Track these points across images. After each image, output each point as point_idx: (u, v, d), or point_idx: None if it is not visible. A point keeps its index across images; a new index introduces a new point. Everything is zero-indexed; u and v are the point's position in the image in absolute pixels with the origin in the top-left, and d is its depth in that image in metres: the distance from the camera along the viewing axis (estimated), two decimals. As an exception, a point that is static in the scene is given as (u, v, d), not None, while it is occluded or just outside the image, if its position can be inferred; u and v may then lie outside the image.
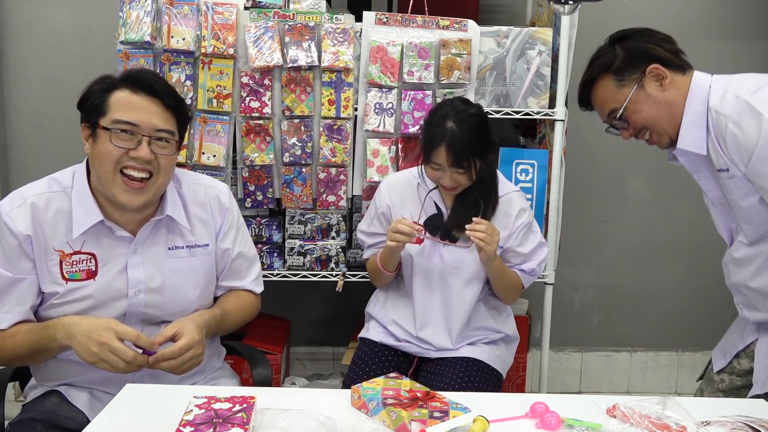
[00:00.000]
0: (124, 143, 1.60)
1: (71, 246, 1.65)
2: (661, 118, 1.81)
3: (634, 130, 1.85)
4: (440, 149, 1.98)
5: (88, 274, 1.66)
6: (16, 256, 1.62)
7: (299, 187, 2.48)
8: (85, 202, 1.65)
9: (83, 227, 1.64)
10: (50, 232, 1.64)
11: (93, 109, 1.63)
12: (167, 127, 1.65)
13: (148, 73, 1.70)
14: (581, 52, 2.21)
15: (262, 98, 2.39)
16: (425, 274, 2.14)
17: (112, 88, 1.63)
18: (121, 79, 1.65)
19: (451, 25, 2.46)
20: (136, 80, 1.64)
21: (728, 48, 3.19)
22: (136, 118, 1.61)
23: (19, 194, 1.67)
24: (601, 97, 1.86)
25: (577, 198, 3.14)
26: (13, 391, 3.02)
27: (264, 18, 2.40)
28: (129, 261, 1.68)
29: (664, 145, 1.86)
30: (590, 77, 1.87)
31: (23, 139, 3.13)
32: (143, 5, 2.33)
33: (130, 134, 1.61)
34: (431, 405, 1.35)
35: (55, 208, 1.65)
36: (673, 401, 1.34)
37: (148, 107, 1.63)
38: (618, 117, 1.83)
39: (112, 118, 1.60)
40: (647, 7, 3.19)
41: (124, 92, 1.63)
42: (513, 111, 2.50)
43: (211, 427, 1.22)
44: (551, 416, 1.32)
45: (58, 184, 1.69)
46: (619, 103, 1.81)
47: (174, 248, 1.74)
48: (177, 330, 1.58)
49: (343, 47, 2.40)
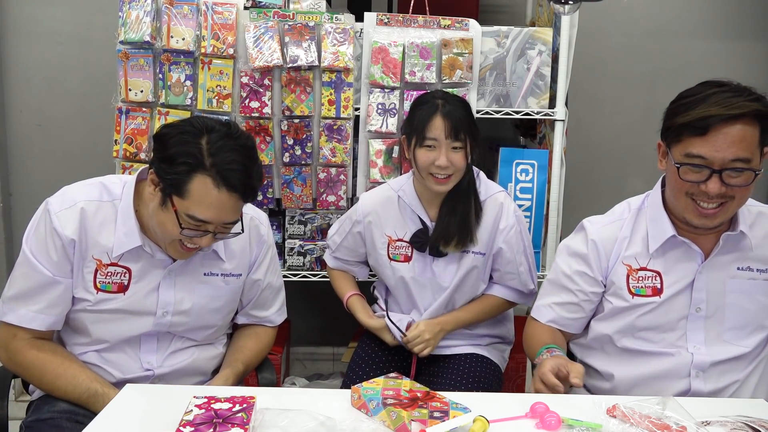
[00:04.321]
0: (191, 233, 1.56)
1: (109, 256, 1.63)
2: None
3: (733, 191, 1.56)
4: (435, 120, 1.96)
5: (119, 287, 1.65)
6: (58, 257, 1.61)
7: (299, 187, 2.48)
8: (128, 224, 1.63)
9: (122, 249, 1.63)
10: (93, 239, 1.62)
11: (171, 182, 1.52)
12: (235, 218, 1.60)
13: (240, 167, 1.53)
14: (581, 52, 2.21)
15: (261, 98, 2.39)
16: (420, 289, 2.13)
17: (197, 169, 1.50)
18: (210, 162, 1.50)
19: (452, 25, 2.46)
20: (225, 175, 1.51)
21: (728, 48, 3.19)
22: (211, 216, 1.54)
23: (70, 195, 1.64)
24: (742, 136, 1.53)
25: (577, 198, 3.13)
26: (13, 390, 3.01)
27: (264, 18, 2.40)
28: (162, 282, 1.67)
29: (718, 223, 1.62)
30: (750, 111, 1.53)
31: (23, 139, 3.13)
32: (143, 5, 2.33)
33: (199, 230, 1.56)
34: (431, 405, 1.35)
35: (102, 217, 1.63)
36: (673, 401, 1.34)
37: (226, 204, 1.54)
38: (741, 170, 1.54)
39: (188, 210, 1.52)
40: (647, 7, 3.19)
41: (207, 182, 1.50)
42: (513, 111, 2.50)
43: (211, 427, 1.22)
44: (551, 416, 1.32)
45: (108, 193, 1.65)
46: (755, 161, 1.55)
47: (209, 275, 1.73)
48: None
49: (343, 47, 2.40)
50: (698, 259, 1.68)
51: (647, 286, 1.70)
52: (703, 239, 1.68)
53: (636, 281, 1.71)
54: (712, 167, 1.54)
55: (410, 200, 2.11)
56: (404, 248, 2.12)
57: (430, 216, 2.10)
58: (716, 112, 1.52)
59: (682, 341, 1.69)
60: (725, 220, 1.63)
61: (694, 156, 1.55)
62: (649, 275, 1.71)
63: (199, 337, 1.76)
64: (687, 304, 1.69)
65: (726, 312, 1.68)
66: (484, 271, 2.12)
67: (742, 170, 1.54)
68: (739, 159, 1.53)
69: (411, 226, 2.11)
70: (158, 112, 2.40)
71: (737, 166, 1.53)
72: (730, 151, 1.52)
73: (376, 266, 2.20)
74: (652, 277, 1.71)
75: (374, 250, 2.17)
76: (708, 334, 1.69)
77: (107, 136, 2.52)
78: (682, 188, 1.60)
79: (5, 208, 3.17)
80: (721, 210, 1.58)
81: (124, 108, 2.40)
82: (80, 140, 3.14)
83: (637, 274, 1.71)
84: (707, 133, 1.53)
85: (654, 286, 1.70)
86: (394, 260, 2.14)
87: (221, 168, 1.50)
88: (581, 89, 2.97)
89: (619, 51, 3.20)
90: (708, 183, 1.54)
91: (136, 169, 2.40)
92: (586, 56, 1.93)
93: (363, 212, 2.17)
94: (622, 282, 1.72)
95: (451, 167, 1.97)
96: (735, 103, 1.53)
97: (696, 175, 1.56)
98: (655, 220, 1.71)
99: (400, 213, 2.13)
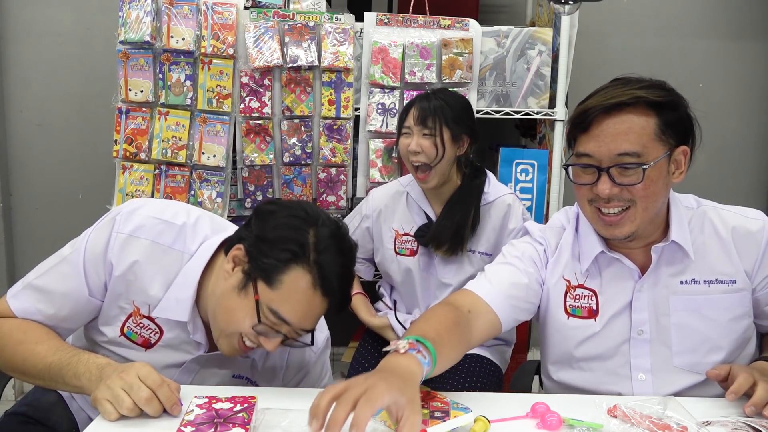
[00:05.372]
0: (264, 329, 1.35)
1: (149, 309, 1.43)
2: (658, 205, 1.45)
3: (631, 193, 1.40)
4: (411, 111, 2.04)
5: (145, 342, 1.45)
6: (101, 280, 1.42)
7: (299, 187, 2.48)
8: (185, 292, 1.41)
9: (163, 314, 1.43)
10: (141, 286, 1.42)
11: (263, 267, 1.31)
12: (313, 327, 1.40)
13: (342, 272, 1.35)
14: (581, 52, 2.21)
15: (262, 98, 2.39)
16: (423, 284, 2.15)
17: (299, 261, 1.31)
18: (314, 258, 1.31)
19: (452, 25, 2.46)
20: (326, 277, 1.32)
21: (728, 48, 3.20)
22: (294, 318, 1.33)
23: (140, 222, 1.42)
24: (628, 128, 1.38)
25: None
26: (13, 390, 3.01)
27: (264, 18, 2.40)
28: (186, 366, 1.48)
29: (628, 232, 1.43)
30: (631, 99, 1.39)
31: (23, 139, 3.13)
32: (143, 5, 2.33)
33: (274, 330, 1.35)
34: (432, 405, 1.35)
35: (163, 266, 1.42)
36: (674, 401, 1.34)
37: (315, 309, 1.35)
38: (630, 166, 1.38)
39: (271, 303, 1.31)
40: (647, 7, 3.20)
41: (305, 278, 1.31)
42: (513, 111, 2.50)
43: (212, 427, 1.22)
44: (552, 416, 1.31)
45: (184, 242, 1.43)
46: (647, 156, 1.38)
47: (238, 377, 1.54)
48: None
49: (343, 47, 2.40)
50: (635, 276, 1.49)
51: (583, 306, 1.51)
52: (636, 253, 1.49)
53: (573, 299, 1.52)
54: (599, 166, 1.39)
55: (417, 196, 2.15)
56: (410, 242, 2.16)
57: (436, 212, 2.14)
58: (595, 103, 1.39)
59: (626, 369, 1.49)
60: (638, 230, 1.43)
61: (581, 155, 1.41)
62: (585, 294, 1.52)
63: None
64: (627, 326, 1.49)
65: (672, 333, 1.47)
66: None
67: (632, 165, 1.37)
68: (626, 153, 1.36)
69: (417, 221, 2.15)
70: (158, 112, 2.40)
71: (625, 161, 1.37)
72: (614, 145, 1.36)
73: (383, 261, 2.23)
74: (588, 297, 1.52)
75: (381, 245, 2.21)
76: (655, 360, 1.47)
77: (107, 136, 2.52)
78: (582, 195, 1.45)
79: (5, 208, 3.17)
80: (624, 217, 1.40)
81: (124, 108, 2.40)
82: (80, 140, 3.14)
83: (574, 292, 1.52)
84: (589, 127, 1.39)
85: (590, 306, 1.51)
86: (400, 254, 2.17)
87: (325, 268, 1.31)
88: (581, 89, 2.96)
89: (619, 51, 3.20)
90: (598, 183, 1.39)
91: (137, 168, 2.43)
92: (586, 56, 1.93)
93: (373, 207, 2.22)
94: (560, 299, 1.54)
95: (422, 154, 2.01)
96: (617, 93, 1.39)
97: (586, 177, 1.42)
98: (585, 235, 1.53)
99: (407, 208, 2.17)
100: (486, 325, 1.47)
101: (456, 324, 1.37)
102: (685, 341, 1.47)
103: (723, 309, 1.47)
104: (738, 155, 3.32)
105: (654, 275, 1.48)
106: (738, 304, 1.47)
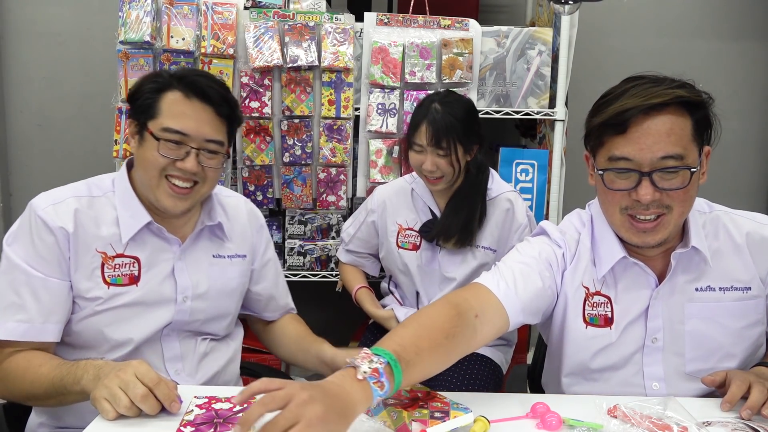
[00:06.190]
0: (172, 153, 1.50)
1: (114, 248, 1.53)
2: (690, 210, 1.41)
3: (670, 198, 1.34)
4: (421, 127, 2.01)
5: (131, 279, 1.54)
6: (50, 255, 1.48)
7: (299, 187, 2.48)
8: (131, 205, 1.55)
9: (132, 231, 1.54)
10: (92, 233, 1.52)
11: (143, 109, 1.52)
12: (217, 137, 1.54)
13: (203, 77, 1.56)
14: (581, 52, 2.21)
15: (261, 98, 2.39)
16: (426, 279, 2.16)
17: (164, 89, 1.52)
18: (174, 78, 1.53)
19: (452, 25, 2.46)
20: (190, 84, 1.52)
21: (729, 48, 3.19)
22: (187, 127, 1.50)
23: (55, 194, 1.54)
24: (669, 129, 1.32)
25: (577, 198, 3.13)
26: None
27: (264, 18, 2.40)
28: (176, 265, 1.59)
29: (660, 239, 1.39)
30: (673, 98, 1.33)
31: (23, 139, 3.13)
32: (143, 5, 2.33)
33: (178, 144, 1.50)
34: (432, 405, 1.35)
35: (97, 211, 1.54)
36: (674, 402, 1.34)
37: (200, 115, 1.51)
38: (674, 169, 1.32)
39: (162, 124, 1.50)
40: (647, 7, 3.19)
41: (176, 95, 1.51)
42: (513, 111, 2.50)
43: (211, 427, 1.22)
44: (552, 416, 1.31)
45: (98, 188, 1.58)
46: (688, 157, 1.33)
47: (218, 256, 1.67)
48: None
49: (343, 47, 2.40)
50: (651, 283, 1.45)
51: (600, 314, 1.47)
52: (654, 260, 1.45)
53: (591, 307, 1.47)
54: (640, 170, 1.32)
55: (422, 192, 2.17)
56: (413, 237, 2.17)
57: (441, 208, 2.15)
58: (634, 103, 1.31)
59: (639, 378, 1.46)
60: (669, 236, 1.39)
61: (618, 158, 1.34)
62: (602, 301, 1.47)
63: (217, 329, 1.68)
64: (642, 334, 1.45)
65: (686, 341, 1.44)
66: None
67: (676, 169, 1.31)
68: (670, 156, 1.30)
69: (422, 216, 2.16)
70: (158, 112, 2.40)
71: (669, 164, 1.31)
72: (657, 148, 1.30)
73: (387, 255, 2.24)
74: (604, 304, 1.47)
75: (386, 239, 2.23)
76: (667, 368, 1.44)
77: (107, 136, 2.52)
78: (615, 202, 1.38)
79: (5, 208, 3.17)
80: (659, 224, 1.35)
81: (124, 108, 2.40)
82: (80, 140, 3.14)
83: (592, 300, 1.47)
84: (627, 129, 1.32)
85: (605, 314, 1.46)
86: (402, 248, 2.18)
87: (188, 83, 1.51)
88: (581, 89, 2.97)
89: (619, 51, 3.20)
90: (639, 189, 1.32)
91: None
92: (586, 56, 1.93)
93: (378, 201, 2.23)
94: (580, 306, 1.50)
95: (438, 171, 2.02)
96: (654, 92, 1.32)
97: (624, 182, 1.35)
98: (602, 240, 1.47)
99: (412, 203, 2.19)
100: (493, 329, 1.41)
101: (446, 337, 1.27)
102: (699, 349, 1.44)
103: (737, 316, 1.45)
104: (738, 155, 3.32)
105: (671, 282, 1.44)
106: (752, 312, 1.45)
